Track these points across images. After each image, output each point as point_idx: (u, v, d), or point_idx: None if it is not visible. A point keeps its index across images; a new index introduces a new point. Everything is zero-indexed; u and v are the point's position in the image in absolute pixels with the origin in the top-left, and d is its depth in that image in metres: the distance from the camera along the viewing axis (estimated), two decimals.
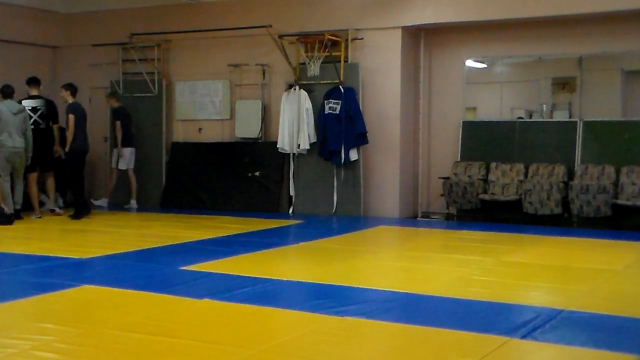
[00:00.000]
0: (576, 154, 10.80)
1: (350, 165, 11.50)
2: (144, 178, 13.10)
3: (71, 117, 10.94)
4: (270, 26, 11.64)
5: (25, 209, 10.91)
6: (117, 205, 12.65)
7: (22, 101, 11.16)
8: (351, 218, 11.34)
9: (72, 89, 11.25)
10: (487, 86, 12.00)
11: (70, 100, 11.14)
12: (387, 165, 11.57)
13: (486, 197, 10.94)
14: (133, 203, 12.55)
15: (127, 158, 12.47)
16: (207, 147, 12.77)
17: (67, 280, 6.40)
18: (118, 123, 12.36)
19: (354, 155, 11.43)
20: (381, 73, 11.54)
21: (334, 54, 11.46)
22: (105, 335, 4.72)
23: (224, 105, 12.75)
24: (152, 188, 13.05)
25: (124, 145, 12.41)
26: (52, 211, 11.40)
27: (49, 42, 13.97)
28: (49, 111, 11.47)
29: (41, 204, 11.59)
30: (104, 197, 12.73)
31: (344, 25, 11.65)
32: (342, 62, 11.53)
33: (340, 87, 11.40)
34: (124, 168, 12.52)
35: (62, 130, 11.56)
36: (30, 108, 11.19)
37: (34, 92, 11.42)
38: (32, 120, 11.09)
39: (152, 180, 13.10)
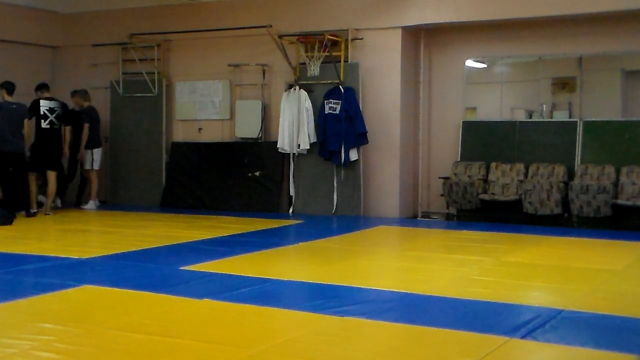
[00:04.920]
0: (576, 154, 10.80)
1: (350, 165, 11.50)
2: (144, 178, 13.12)
3: None
4: (270, 26, 11.64)
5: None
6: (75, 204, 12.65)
7: (40, 101, 11.47)
8: (351, 218, 11.34)
9: (9, 88, 11.05)
10: (487, 86, 12.00)
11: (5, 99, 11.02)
12: (387, 165, 11.57)
13: (486, 197, 10.94)
14: (91, 203, 12.41)
15: (91, 159, 12.38)
16: (207, 147, 12.77)
17: (67, 280, 6.40)
18: (87, 125, 12.20)
19: (354, 155, 11.43)
20: (381, 73, 11.54)
21: (334, 54, 11.46)
22: (105, 335, 4.72)
23: (224, 105, 12.75)
24: (152, 188, 13.06)
25: (91, 147, 12.32)
26: (47, 214, 11.38)
27: (49, 42, 13.97)
28: (64, 113, 11.84)
29: (39, 204, 11.63)
30: (91, 200, 12.56)
31: (344, 25, 11.65)
32: (342, 62, 11.53)
33: (340, 87, 11.40)
34: (89, 168, 12.41)
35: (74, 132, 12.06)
36: (48, 109, 11.50)
37: (47, 94, 11.69)
38: (47, 121, 11.46)
39: (152, 180, 13.10)
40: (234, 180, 12.44)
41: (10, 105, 10.96)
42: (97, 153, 12.37)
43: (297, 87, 11.70)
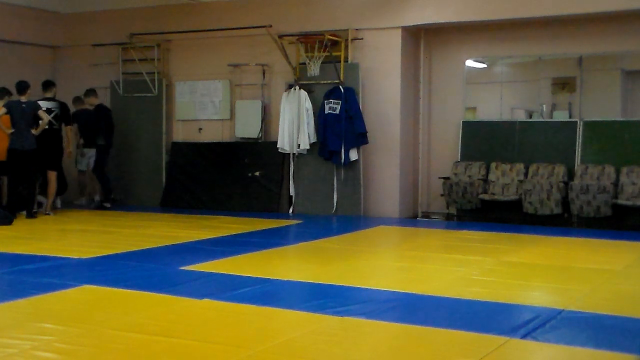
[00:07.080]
0: (576, 154, 10.80)
1: (350, 165, 11.50)
2: (144, 178, 13.12)
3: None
4: (270, 26, 11.64)
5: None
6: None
7: (38, 102, 11.44)
8: (351, 218, 11.33)
9: (17, 87, 11.05)
10: (487, 86, 12.00)
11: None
12: (387, 165, 11.57)
13: (486, 197, 10.94)
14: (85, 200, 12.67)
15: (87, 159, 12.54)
16: (207, 147, 12.77)
17: (67, 280, 6.40)
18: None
19: (354, 155, 11.43)
20: (381, 73, 11.54)
21: (334, 54, 11.47)
22: (105, 335, 4.72)
23: (224, 105, 12.75)
24: (152, 188, 13.06)
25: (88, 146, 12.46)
26: (47, 214, 11.38)
27: (49, 42, 13.98)
28: (63, 113, 11.89)
29: (39, 204, 11.62)
30: (82, 198, 12.62)
31: (344, 25, 11.65)
32: (342, 62, 11.53)
33: (340, 87, 11.40)
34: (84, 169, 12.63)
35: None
36: (45, 109, 11.45)
37: (48, 95, 11.77)
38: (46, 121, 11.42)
39: (152, 180, 13.10)
40: (234, 180, 12.44)
41: (20, 104, 10.96)
42: (82, 155, 12.44)
43: (297, 87, 11.70)
